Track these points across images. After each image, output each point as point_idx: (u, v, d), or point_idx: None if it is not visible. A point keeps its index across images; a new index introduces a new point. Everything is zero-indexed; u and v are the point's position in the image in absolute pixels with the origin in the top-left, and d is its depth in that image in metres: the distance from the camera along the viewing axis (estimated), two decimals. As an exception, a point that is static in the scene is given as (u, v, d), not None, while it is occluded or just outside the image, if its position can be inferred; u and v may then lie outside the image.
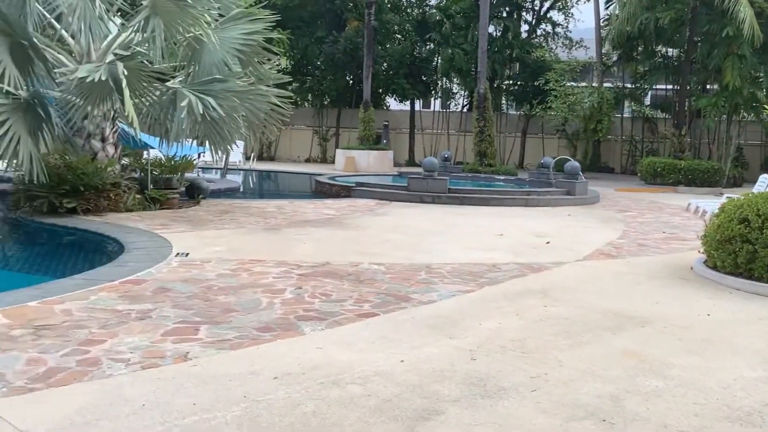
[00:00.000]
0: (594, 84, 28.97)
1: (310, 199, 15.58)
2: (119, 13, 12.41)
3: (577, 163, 17.21)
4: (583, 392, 3.96)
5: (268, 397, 3.70)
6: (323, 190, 17.67)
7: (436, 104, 33.94)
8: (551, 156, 20.83)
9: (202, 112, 10.70)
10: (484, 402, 3.75)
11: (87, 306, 5.39)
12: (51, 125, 10.84)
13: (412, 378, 4.06)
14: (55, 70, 11.27)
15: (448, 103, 33.61)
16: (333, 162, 28.47)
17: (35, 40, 10.77)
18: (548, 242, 9.82)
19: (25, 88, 10.42)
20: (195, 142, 13.17)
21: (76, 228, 10.04)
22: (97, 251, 9.12)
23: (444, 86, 33.13)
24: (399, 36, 33.02)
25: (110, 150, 12.21)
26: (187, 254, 7.73)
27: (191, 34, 11.72)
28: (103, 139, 12.15)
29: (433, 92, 33.31)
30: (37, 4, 10.98)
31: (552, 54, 31.68)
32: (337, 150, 27.92)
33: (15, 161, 10.02)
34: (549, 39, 32.28)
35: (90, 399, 3.58)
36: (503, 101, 32.03)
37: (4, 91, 9.80)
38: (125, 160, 13.05)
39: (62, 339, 4.54)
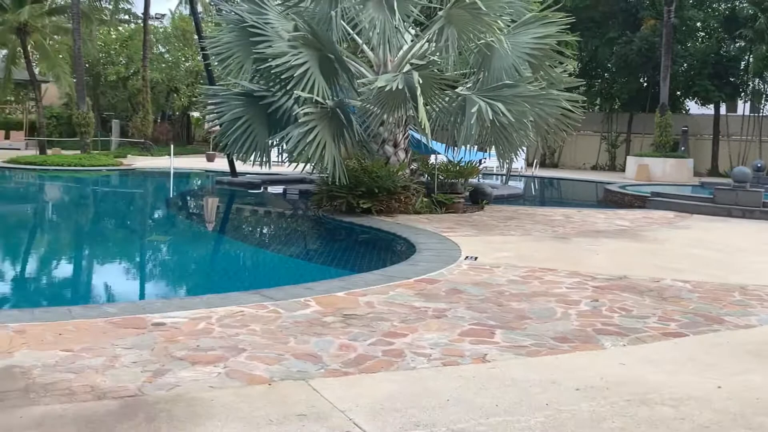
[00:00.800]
0: None
1: (599, 209, 14.93)
2: (413, 24, 13.01)
3: None
4: None
5: (571, 407, 3.55)
6: (613, 200, 16.86)
7: (745, 108, 30.40)
8: None
9: (491, 117, 10.76)
10: (826, 446, 3.23)
11: (387, 300, 5.68)
12: (352, 132, 11.77)
13: (732, 406, 3.66)
14: (357, 81, 12.22)
15: (761, 106, 29.90)
16: (622, 170, 27.13)
17: (340, 53, 11.78)
18: None
19: (330, 97, 11.43)
20: (476, 147, 13.35)
21: (371, 227, 10.77)
22: (389, 249, 9.68)
23: (756, 87, 29.56)
24: (702, 33, 30.30)
25: (401, 155, 12.89)
26: (475, 258, 7.80)
27: (482, 41, 11.90)
28: (395, 145, 12.87)
29: (742, 94, 29.95)
30: (341, 20, 12.00)
31: None
32: (628, 157, 26.49)
33: (320, 164, 11.05)
34: None
35: (398, 388, 3.73)
36: (832, 104, 27.74)
37: (313, 100, 10.83)
38: (413, 165, 13.71)
39: (368, 329, 4.81)
